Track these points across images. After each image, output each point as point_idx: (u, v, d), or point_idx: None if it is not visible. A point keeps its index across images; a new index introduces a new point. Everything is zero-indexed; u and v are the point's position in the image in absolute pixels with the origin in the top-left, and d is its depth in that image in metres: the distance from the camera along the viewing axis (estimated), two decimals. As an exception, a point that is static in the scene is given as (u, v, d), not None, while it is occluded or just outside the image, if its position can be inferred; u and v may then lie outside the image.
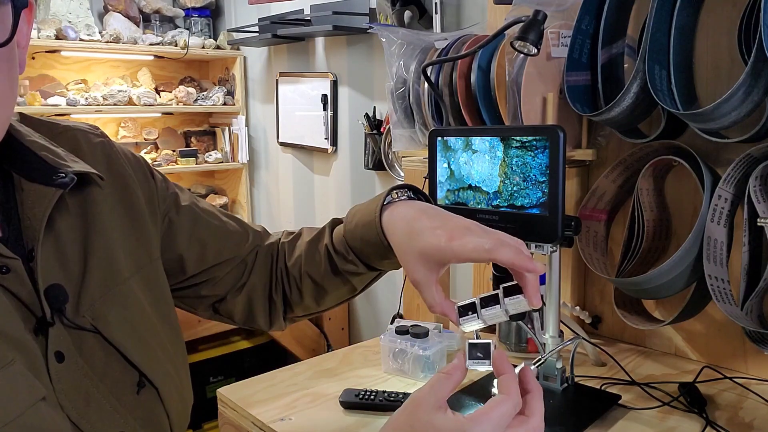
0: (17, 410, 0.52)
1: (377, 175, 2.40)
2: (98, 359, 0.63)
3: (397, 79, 1.45)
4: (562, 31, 1.20)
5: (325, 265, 0.83)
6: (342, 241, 0.81)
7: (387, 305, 2.44)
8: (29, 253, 0.59)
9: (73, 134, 0.72)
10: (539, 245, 1.00)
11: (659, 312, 1.28)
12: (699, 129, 1.04)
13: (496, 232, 0.69)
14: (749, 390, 1.10)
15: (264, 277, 0.87)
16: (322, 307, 0.88)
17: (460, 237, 0.67)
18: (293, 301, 0.87)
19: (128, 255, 0.70)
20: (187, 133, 3.28)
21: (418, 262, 0.69)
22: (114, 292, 0.66)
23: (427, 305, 0.70)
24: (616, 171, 1.25)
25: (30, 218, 0.61)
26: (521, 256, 0.65)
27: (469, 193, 0.98)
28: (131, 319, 0.67)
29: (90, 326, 0.62)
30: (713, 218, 1.04)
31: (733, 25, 1.07)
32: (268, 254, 0.89)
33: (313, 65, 2.67)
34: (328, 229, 0.85)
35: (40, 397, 0.55)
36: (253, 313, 0.87)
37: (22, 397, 0.53)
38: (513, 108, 1.21)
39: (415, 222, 0.71)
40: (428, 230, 0.69)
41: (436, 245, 0.68)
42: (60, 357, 0.59)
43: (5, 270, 0.57)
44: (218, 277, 0.84)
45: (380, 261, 0.80)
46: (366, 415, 1.03)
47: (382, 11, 2.09)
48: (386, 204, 0.77)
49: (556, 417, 0.99)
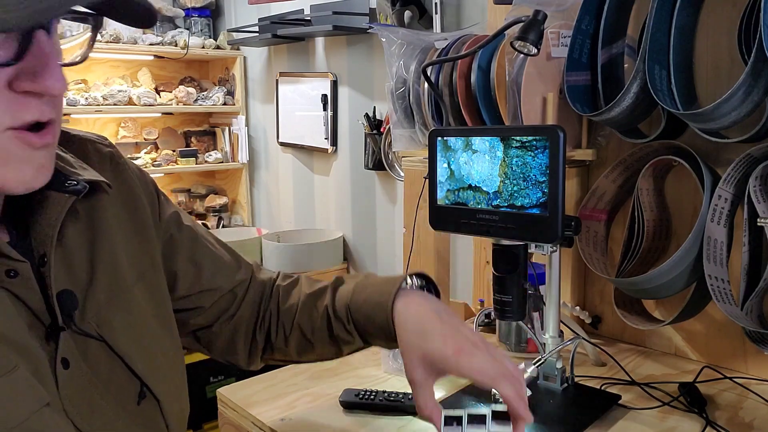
0: (21, 416, 0.52)
1: (377, 175, 2.40)
2: (102, 367, 0.63)
3: (397, 79, 1.45)
4: (562, 31, 1.20)
5: (320, 324, 0.82)
6: (345, 308, 0.81)
7: (387, 305, 2.44)
8: (40, 258, 0.59)
9: (82, 143, 0.72)
10: (539, 245, 1.00)
11: (659, 312, 1.28)
12: (699, 129, 1.04)
13: (501, 357, 0.71)
14: (749, 390, 1.10)
15: (252, 313, 0.87)
16: (302, 359, 0.87)
17: (468, 354, 0.69)
18: (276, 345, 0.87)
19: (132, 262, 0.71)
20: (187, 133, 3.28)
21: (420, 363, 0.71)
22: (119, 299, 0.67)
23: (417, 406, 0.71)
24: (616, 171, 1.25)
25: (41, 223, 0.60)
26: (519, 399, 0.67)
27: (469, 193, 0.98)
28: (135, 326, 0.68)
29: (95, 333, 0.63)
30: (713, 218, 1.04)
31: (733, 25, 1.07)
32: (260, 290, 0.88)
33: (313, 65, 2.67)
34: (330, 289, 0.85)
35: (44, 403, 0.55)
36: (234, 346, 0.86)
37: (27, 402, 0.53)
38: (513, 108, 1.21)
39: (427, 323, 0.73)
40: (438, 336, 0.71)
41: (442, 354, 0.69)
42: (65, 363, 0.59)
43: (13, 274, 0.56)
44: (205, 307, 0.83)
45: (378, 340, 0.80)
46: (366, 415, 1.03)
47: (382, 11, 2.09)
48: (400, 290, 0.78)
49: (556, 417, 1.00)
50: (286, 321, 0.85)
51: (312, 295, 0.85)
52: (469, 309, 1.62)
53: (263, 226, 3.10)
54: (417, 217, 1.43)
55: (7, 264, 0.56)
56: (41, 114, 0.52)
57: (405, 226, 1.49)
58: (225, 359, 0.87)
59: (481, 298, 1.58)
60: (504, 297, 1.01)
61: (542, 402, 1.03)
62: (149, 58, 3.07)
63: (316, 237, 2.63)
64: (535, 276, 1.13)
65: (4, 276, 0.56)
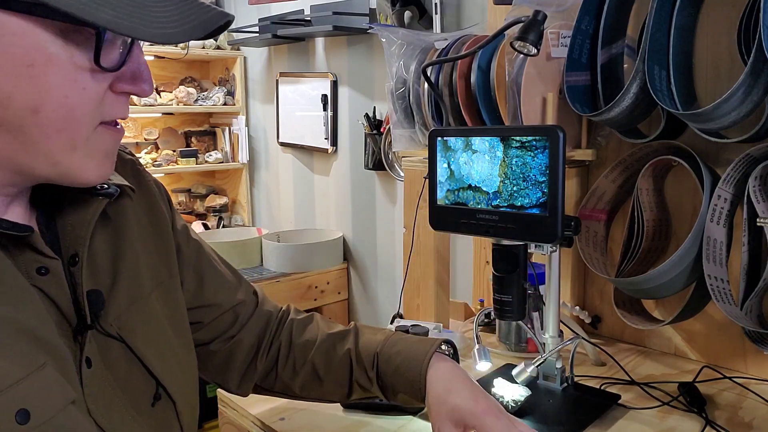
0: (50, 412, 0.53)
1: (377, 175, 2.41)
2: (121, 367, 0.64)
3: (397, 79, 1.45)
4: (562, 32, 1.20)
5: (338, 365, 0.85)
6: (372, 356, 0.84)
7: (387, 305, 2.44)
8: (71, 257, 0.61)
9: None
10: (539, 245, 1.00)
11: (659, 312, 1.28)
12: (698, 129, 1.04)
13: (522, 427, 0.76)
14: (749, 390, 1.10)
15: (253, 339, 0.87)
16: (303, 394, 0.89)
17: (494, 416, 0.74)
18: (281, 377, 0.88)
19: (151, 269, 0.72)
20: (188, 133, 3.28)
21: (448, 418, 0.76)
22: (138, 304, 0.68)
23: None
24: (616, 171, 1.25)
25: (73, 224, 0.62)
26: None
27: (469, 193, 0.98)
28: (152, 329, 0.69)
29: (116, 334, 0.64)
30: (713, 218, 1.04)
31: (732, 25, 1.07)
32: (264, 319, 0.89)
33: (313, 65, 2.67)
34: (353, 334, 0.87)
35: (71, 400, 0.56)
36: (228, 368, 0.87)
37: (56, 399, 0.54)
38: (513, 108, 1.21)
39: (459, 382, 0.79)
40: (469, 394, 0.76)
41: (471, 409, 0.75)
42: (89, 362, 0.60)
43: (44, 271, 0.58)
44: (204, 322, 0.84)
45: (399, 394, 0.83)
46: (366, 415, 1.03)
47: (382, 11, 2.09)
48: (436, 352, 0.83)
49: (556, 417, 1.00)
50: (299, 355, 0.87)
51: (333, 336, 0.87)
52: (469, 309, 1.62)
53: (263, 226, 3.11)
54: (417, 217, 1.43)
55: (40, 261, 0.57)
56: (125, 112, 0.59)
57: (405, 226, 1.50)
58: (216, 380, 0.88)
59: (481, 298, 1.58)
60: (504, 297, 1.01)
61: (542, 402, 1.03)
62: (150, 58, 3.07)
63: (316, 237, 2.63)
64: (535, 276, 1.13)
65: (35, 273, 0.57)
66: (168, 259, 0.76)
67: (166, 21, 0.51)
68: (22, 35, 0.49)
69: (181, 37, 0.51)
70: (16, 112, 0.51)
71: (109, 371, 0.62)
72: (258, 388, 0.90)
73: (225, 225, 3.21)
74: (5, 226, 0.55)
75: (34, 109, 0.51)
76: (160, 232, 0.75)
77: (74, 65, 0.51)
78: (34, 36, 0.49)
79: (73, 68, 0.51)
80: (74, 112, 0.53)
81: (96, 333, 0.61)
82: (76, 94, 0.52)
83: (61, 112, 0.52)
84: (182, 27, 0.51)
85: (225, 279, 0.86)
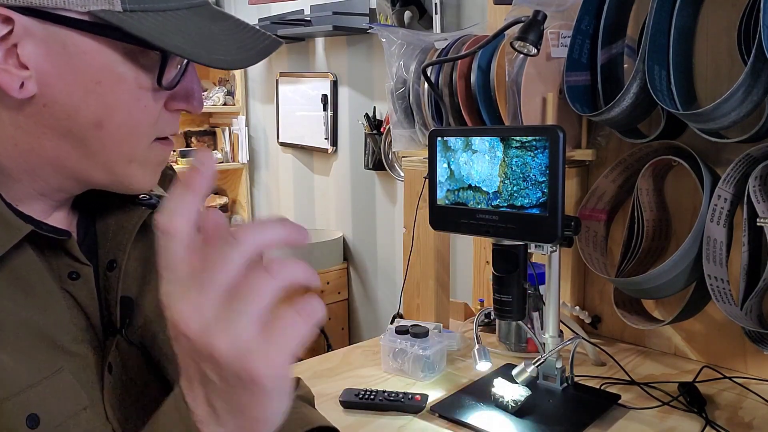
0: (60, 417, 0.54)
1: (377, 175, 2.41)
2: (139, 376, 0.64)
3: (397, 79, 1.45)
4: (562, 32, 1.20)
5: None
6: None
7: (387, 305, 2.44)
8: (109, 263, 0.62)
9: None
10: (539, 245, 1.00)
11: (659, 312, 1.28)
12: (698, 129, 1.04)
13: None
14: (749, 390, 1.10)
15: None
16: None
17: None
18: None
19: None
20: (188, 133, 3.28)
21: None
22: (163, 317, 0.68)
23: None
24: (616, 171, 1.25)
25: (114, 231, 0.64)
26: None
27: (469, 193, 0.98)
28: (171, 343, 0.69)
29: (139, 343, 0.64)
30: (713, 218, 1.04)
31: (732, 26, 1.07)
32: None
33: (313, 65, 2.67)
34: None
35: (83, 407, 0.56)
36: None
37: (68, 405, 0.55)
38: (513, 108, 1.21)
39: None
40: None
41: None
42: (110, 368, 0.60)
43: (75, 276, 0.59)
44: None
45: None
46: (366, 415, 1.03)
47: (382, 11, 2.09)
48: None
49: (556, 417, 1.00)
50: None
51: None
52: (469, 309, 1.62)
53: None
54: (417, 217, 1.43)
55: (72, 266, 0.59)
56: (177, 128, 0.62)
57: (405, 226, 1.50)
58: None
59: (481, 298, 1.58)
60: (504, 297, 1.01)
61: (542, 402, 1.03)
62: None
63: (316, 237, 2.63)
64: (535, 276, 1.13)
65: (66, 277, 0.58)
66: None
67: (228, 48, 0.55)
68: (93, 54, 0.52)
69: (241, 63, 0.55)
70: (81, 125, 0.53)
71: (128, 378, 0.63)
72: None
73: (225, 225, 3.21)
74: (45, 229, 0.56)
75: (98, 124, 0.54)
76: None
77: (139, 85, 0.54)
78: (104, 56, 0.52)
79: (137, 88, 0.54)
80: (136, 128, 0.56)
81: (120, 340, 0.62)
82: (139, 111, 0.55)
83: (124, 128, 0.55)
84: (242, 54, 0.55)
85: None
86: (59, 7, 0.49)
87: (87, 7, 0.50)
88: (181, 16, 0.54)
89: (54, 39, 0.50)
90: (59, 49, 0.51)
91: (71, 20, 0.50)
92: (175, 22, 0.53)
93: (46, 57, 0.50)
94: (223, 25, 0.57)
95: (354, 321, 2.63)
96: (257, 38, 0.58)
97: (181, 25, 0.53)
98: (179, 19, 0.53)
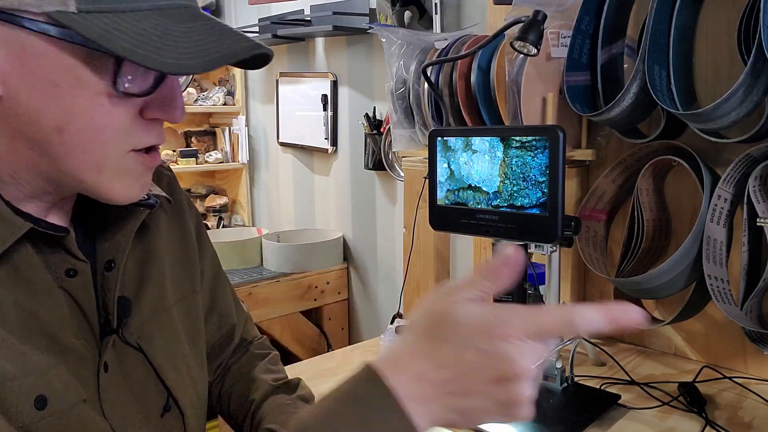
0: (67, 404, 0.54)
1: (377, 176, 2.41)
2: (135, 376, 0.64)
3: (397, 79, 1.45)
4: (562, 32, 1.20)
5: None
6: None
7: (387, 305, 2.44)
8: (107, 263, 0.62)
9: None
10: (539, 245, 1.00)
11: (659, 312, 1.28)
12: (698, 129, 1.04)
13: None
14: (749, 390, 1.10)
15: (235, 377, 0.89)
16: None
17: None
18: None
19: (175, 283, 0.73)
20: (188, 133, 3.28)
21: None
22: (160, 316, 0.69)
23: None
24: (616, 171, 1.25)
25: (113, 231, 0.64)
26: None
27: (469, 193, 0.98)
28: (170, 343, 0.70)
29: (135, 343, 0.65)
30: (713, 218, 1.04)
31: (732, 26, 1.07)
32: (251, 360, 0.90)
33: (313, 65, 2.67)
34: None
35: (82, 398, 0.56)
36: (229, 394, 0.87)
37: (71, 394, 0.55)
38: (513, 108, 1.21)
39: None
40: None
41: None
42: (106, 367, 0.61)
43: (72, 273, 0.59)
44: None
45: None
46: (366, 415, 1.03)
47: (382, 11, 2.09)
48: None
49: (556, 417, 1.00)
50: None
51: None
52: (469, 309, 1.62)
53: (263, 226, 3.11)
54: (417, 217, 1.43)
55: (70, 262, 0.59)
56: (159, 139, 0.59)
57: (405, 226, 1.50)
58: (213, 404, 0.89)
59: (481, 298, 1.58)
60: (504, 297, 1.01)
61: (542, 402, 1.03)
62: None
63: (316, 237, 2.63)
64: (535, 276, 1.13)
65: (63, 274, 0.58)
66: (192, 275, 0.77)
67: (185, 51, 0.51)
68: (50, 57, 0.50)
69: (191, 69, 0.51)
70: (44, 129, 0.52)
71: (124, 378, 0.63)
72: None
73: (225, 225, 3.21)
74: (43, 226, 0.57)
75: (59, 129, 0.52)
76: (186, 248, 0.77)
77: (100, 89, 0.52)
78: (61, 59, 0.50)
79: (97, 92, 0.52)
80: (100, 134, 0.53)
81: (117, 339, 0.62)
82: (102, 117, 0.53)
83: (87, 133, 0.53)
84: (200, 58, 0.51)
85: (232, 311, 0.88)
86: (15, 8, 0.48)
87: (42, 8, 0.48)
88: (139, 17, 0.51)
89: (14, 40, 0.49)
90: (18, 51, 0.49)
91: (27, 21, 0.49)
92: (131, 24, 0.50)
93: (6, 58, 0.49)
94: (191, 26, 0.53)
95: (354, 321, 2.63)
96: (229, 42, 0.53)
97: (135, 26, 0.50)
98: (137, 20, 0.51)
